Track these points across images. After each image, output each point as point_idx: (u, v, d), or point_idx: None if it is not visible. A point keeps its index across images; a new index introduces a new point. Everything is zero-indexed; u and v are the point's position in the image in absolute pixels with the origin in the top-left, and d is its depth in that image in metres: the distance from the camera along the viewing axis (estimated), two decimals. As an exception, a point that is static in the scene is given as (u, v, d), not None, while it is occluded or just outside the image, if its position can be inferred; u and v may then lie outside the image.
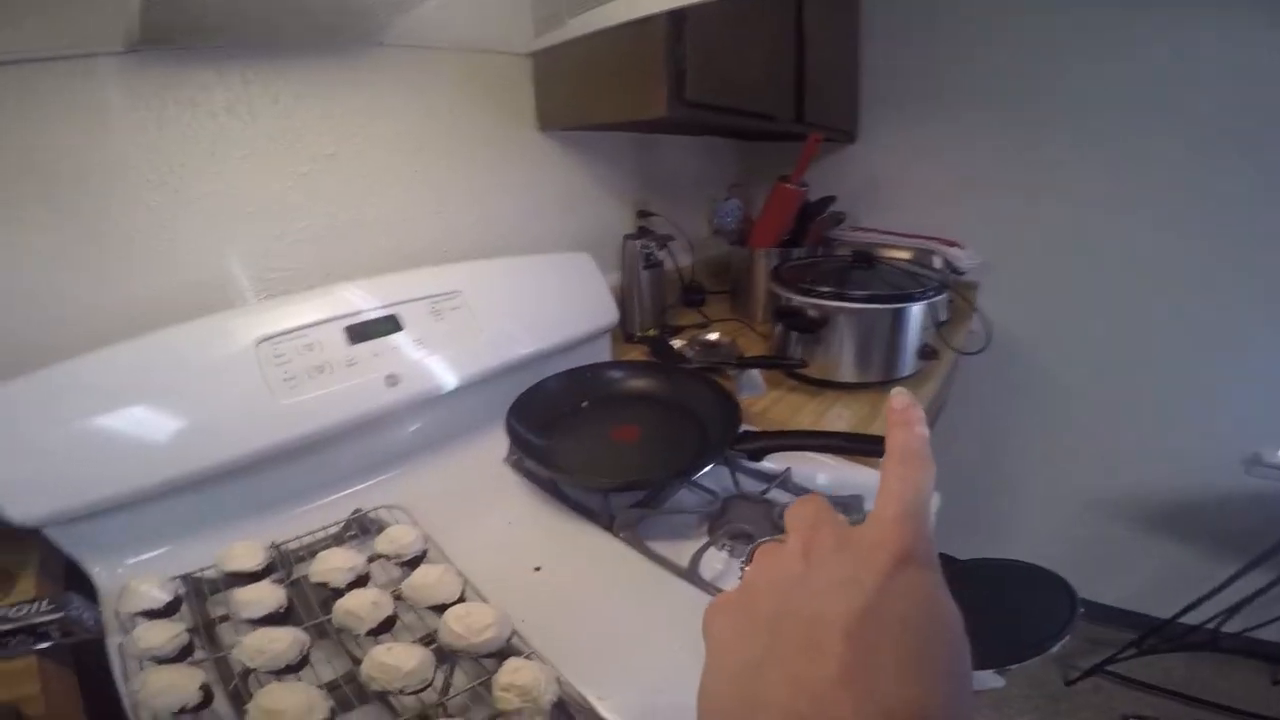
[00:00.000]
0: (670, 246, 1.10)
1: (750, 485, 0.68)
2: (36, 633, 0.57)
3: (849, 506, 0.63)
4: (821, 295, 0.87)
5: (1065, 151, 1.26)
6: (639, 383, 0.82)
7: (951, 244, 1.27)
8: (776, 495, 0.66)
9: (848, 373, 0.89)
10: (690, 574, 0.56)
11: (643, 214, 1.09)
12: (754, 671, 0.20)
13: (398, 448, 0.74)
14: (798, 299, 0.89)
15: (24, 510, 0.56)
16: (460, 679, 0.48)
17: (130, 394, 0.59)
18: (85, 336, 0.61)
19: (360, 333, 0.69)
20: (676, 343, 0.93)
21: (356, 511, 0.65)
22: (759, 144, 1.54)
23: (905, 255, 1.23)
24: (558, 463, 0.69)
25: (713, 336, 0.92)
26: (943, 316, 1.00)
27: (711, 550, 0.58)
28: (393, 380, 0.69)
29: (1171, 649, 1.39)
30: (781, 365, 0.90)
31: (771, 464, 0.69)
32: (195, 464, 0.60)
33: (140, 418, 0.59)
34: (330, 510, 0.66)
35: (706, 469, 0.66)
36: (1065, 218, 1.31)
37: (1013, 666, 1.35)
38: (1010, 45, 1.25)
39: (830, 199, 1.27)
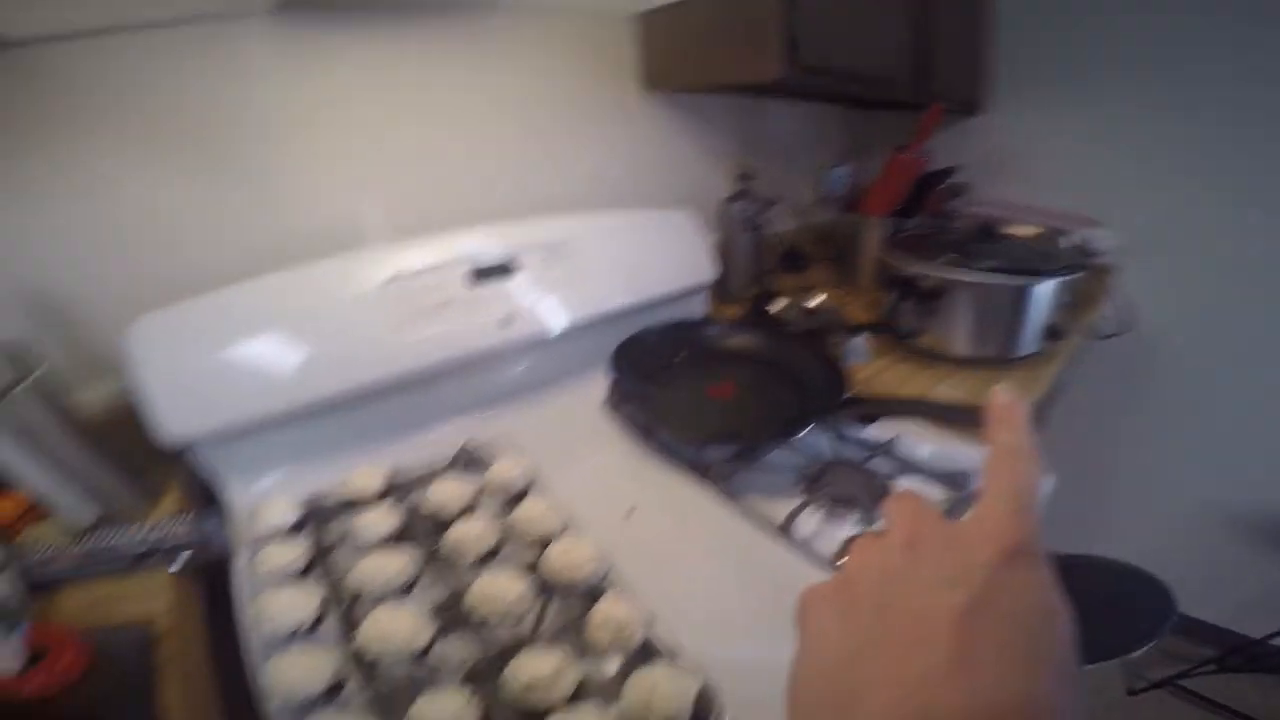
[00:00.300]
0: (771, 210, 1.08)
1: (850, 454, 0.66)
2: (174, 551, 0.62)
3: (955, 482, 0.60)
4: (941, 265, 0.82)
5: (1225, 132, 1.10)
6: (738, 341, 0.81)
7: (1089, 223, 1.16)
8: (878, 465, 0.64)
9: (961, 346, 0.84)
10: (784, 532, 0.55)
11: (744, 177, 1.06)
12: (854, 662, 0.20)
13: (504, 386, 0.78)
14: (915, 267, 0.84)
15: (177, 429, 0.63)
16: (554, 612, 0.49)
17: (273, 324, 0.65)
18: (235, 270, 0.68)
19: (479, 275, 0.73)
20: (776, 305, 0.91)
21: (465, 444, 0.68)
22: (870, 112, 1.47)
23: (1031, 232, 1.13)
24: (656, 411, 0.70)
25: (815, 301, 0.89)
26: (1067, 298, 0.92)
27: (807, 511, 0.57)
28: (506, 321, 0.73)
29: (1253, 669, 1.28)
30: (892, 332, 0.86)
31: (876, 432, 0.67)
32: (327, 390, 0.66)
33: (282, 346, 0.65)
34: (440, 442, 0.70)
35: (807, 430, 0.64)
36: (1221, 204, 1.15)
37: (1087, 666, 1.26)
38: (1166, 10, 1.10)
39: (950, 170, 1.20)
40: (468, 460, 0.67)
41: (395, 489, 0.63)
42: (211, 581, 0.62)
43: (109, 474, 0.67)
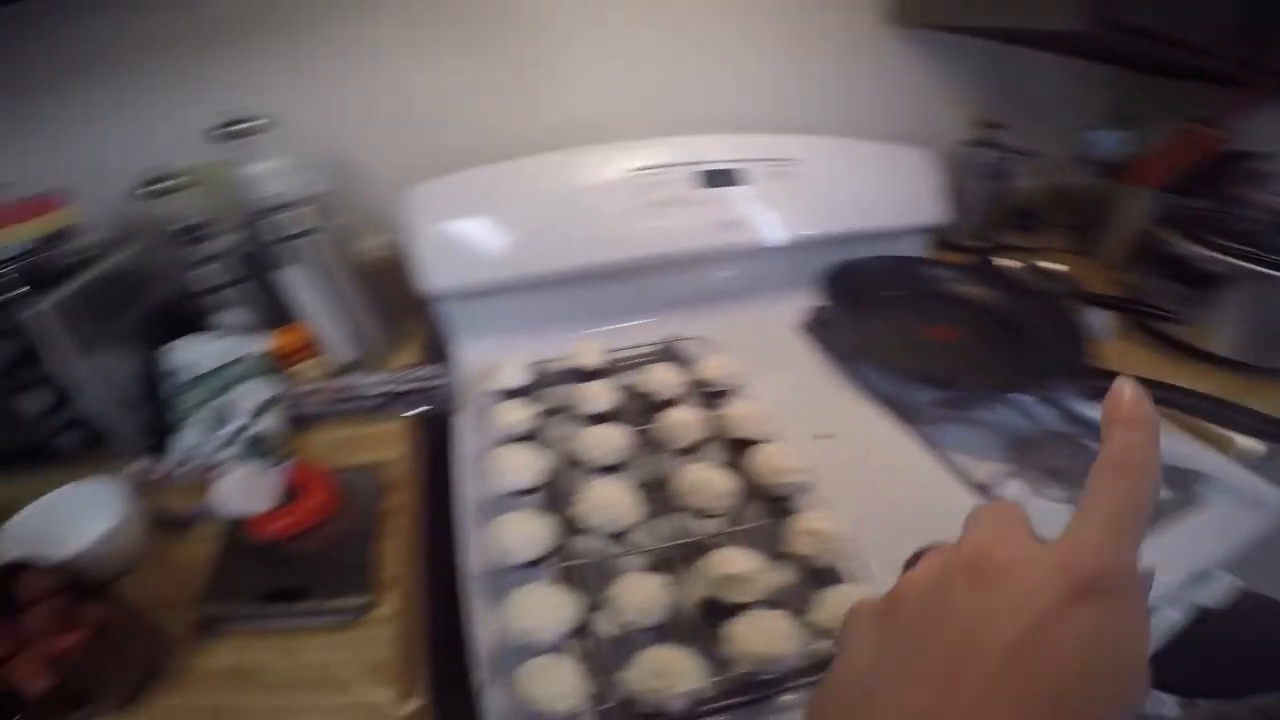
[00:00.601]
0: (1016, 163, 0.98)
1: (1069, 429, 0.61)
2: (412, 399, 0.68)
3: (1182, 483, 0.53)
4: (1230, 252, 0.71)
5: None
6: (966, 288, 0.77)
7: None
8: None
9: (1229, 345, 0.72)
10: (984, 491, 0.53)
11: (989, 125, 0.97)
12: (875, 691, 0.18)
13: (710, 290, 0.81)
14: (1195, 249, 0.73)
15: (436, 283, 0.72)
16: (752, 513, 0.50)
17: (527, 201, 0.73)
18: (495, 152, 0.76)
19: (709, 179, 0.75)
20: (1004, 261, 0.84)
21: (668, 338, 0.72)
22: (1152, 78, 1.25)
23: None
24: (864, 341, 0.69)
25: (1052, 265, 0.81)
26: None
27: (1011, 477, 0.54)
28: (726, 226, 0.75)
29: None
30: (1143, 313, 0.76)
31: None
32: (563, 265, 0.73)
33: (531, 221, 0.73)
34: (646, 332, 0.74)
35: (1032, 391, 0.61)
36: None
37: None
38: None
39: (1255, 154, 1.00)
40: (671, 354, 0.70)
41: (613, 368, 0.67)
42: (432, 435, 0.69)
43: (370, 320, 0.78)
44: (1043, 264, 0.82)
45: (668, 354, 0.71)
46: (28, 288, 0.61)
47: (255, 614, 0.51)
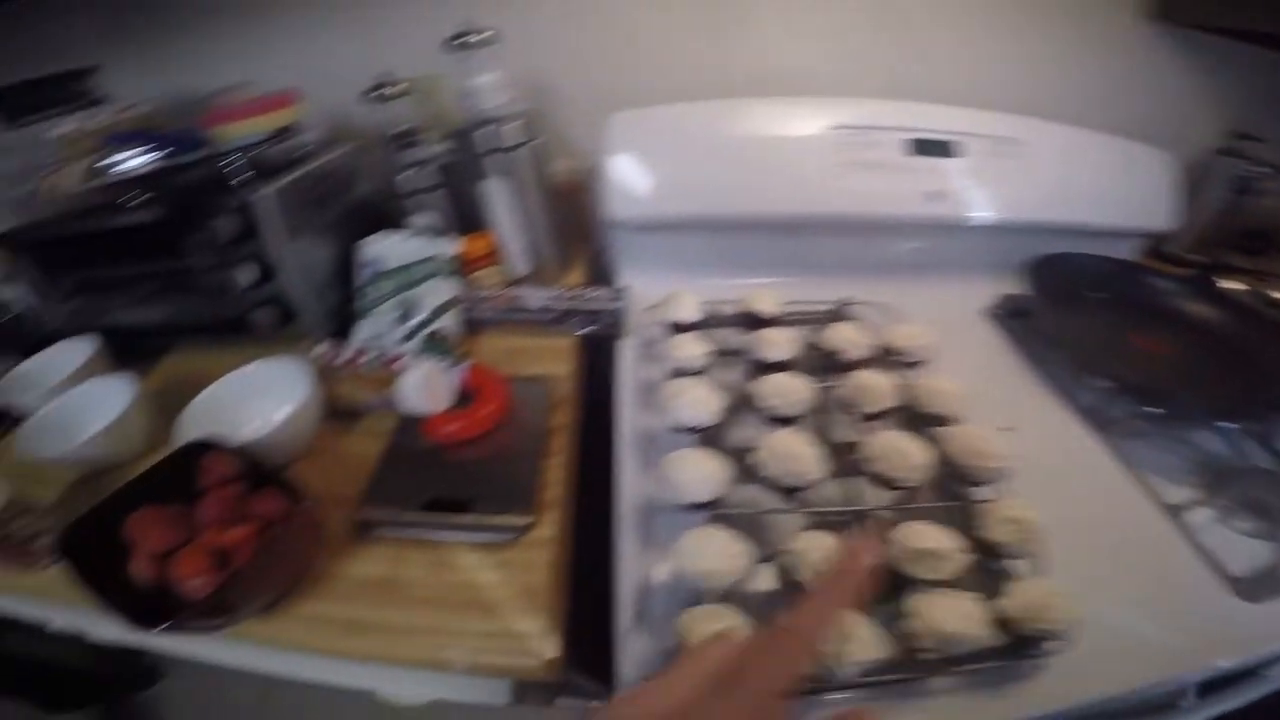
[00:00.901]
0: (1261, 179, 0.87)
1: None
2: (586, 318, 0.71)
3: None
4: None
5: None
6: (1186, 304, 0.71)
7: None
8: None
9: None
10: (1173, 514, 0.50)
11: (1243, 136, 0.87)
12: None
13: (900, 258, 0.79)
14: None
15: (622, 210, 0.74)
16: (944, 492, 0.48)
17: (728, 142, 0.73)
18: (698, 91, 0.77)
19: (920, 147, 0.73)
20: (1227, 282, 0.76)
21: (845, 299, 0.70)
22: None
23: None
24: (1063, 338, 0.65)
25: (1284, 294, 0.72)
26: None
27: (1204, 506, 0.50)
28: (932, 197, 0.73)
29: None
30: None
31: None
32: (751, 210, 0.73)
33: (727, 161, 0.73)
34: (824, 291, 0.72)
35: (1246, 422, 0.56)
36: None
37: None
38: None
39: None
40: (845, 316, 0.69)
41: (788, 319, 0.66)
42: (590, 357, 0.71)
43: (547, 238, 0.82)
44: (1273, 291, 0.73)
45: (842, 315, 0.69)
46: (254, 173, 0.69)
47: (414, 522, 0.49)
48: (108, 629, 0.53)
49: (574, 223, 0.89)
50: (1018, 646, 0.39)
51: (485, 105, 0.72)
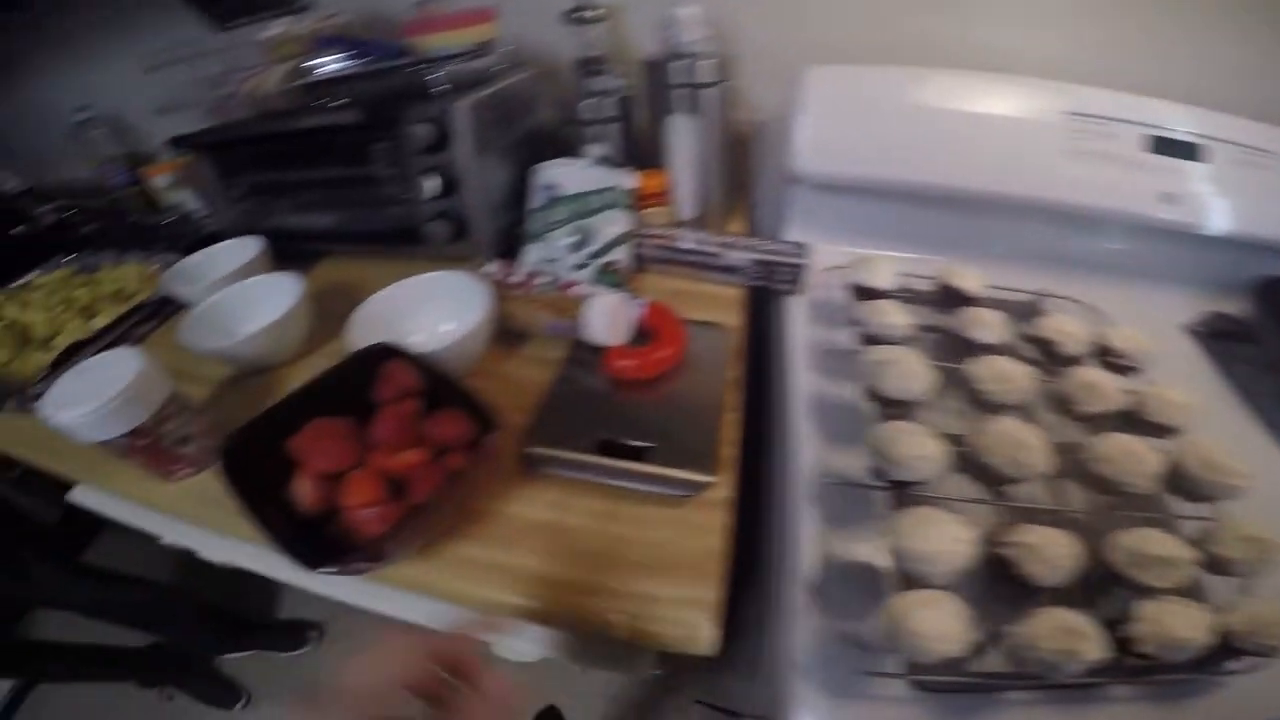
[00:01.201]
0: None
1: None
2: (761, 270, 0.67)
3: None
4: None
5: None
6: None
7: None
8: None
9: None
10: None
11: None
12: None
13: (1107, 257, 0.74)
14: None
15: (808, 164, 0.71)
16: (1172, 503, 0.46)
17: (935, 110, 0.69)
18: (902, 57, 0.73)
19: (1160, 145, 0.68)
20: None
21: (1042, 290, 0.67)
22: None
23: None
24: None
25: None
26: None
27: None
28: (1166, 199, 0.68)
29: None
30: None
31: None
32: (954, 183, 0.70)
33: (934, 130, 0.69)
34: (1004, 275, 0.67)
35: None
36: None
37: None
38: None
39: None
40: (1039, 308, 0.64)
41: (995, 302, 0.62)
42: (756, 312, 0.69)
43: (718, 184, 0.80)
44: None
45: (1039, 308, 0.66)
46: (450, 86, 0.69)
47: (585, 464, 0.45)
48: (218, 550, 0.54)
49: (739, 174, 0.87)
50: (1236, 656, 0.38)
51: (683, 38, 0.70)
